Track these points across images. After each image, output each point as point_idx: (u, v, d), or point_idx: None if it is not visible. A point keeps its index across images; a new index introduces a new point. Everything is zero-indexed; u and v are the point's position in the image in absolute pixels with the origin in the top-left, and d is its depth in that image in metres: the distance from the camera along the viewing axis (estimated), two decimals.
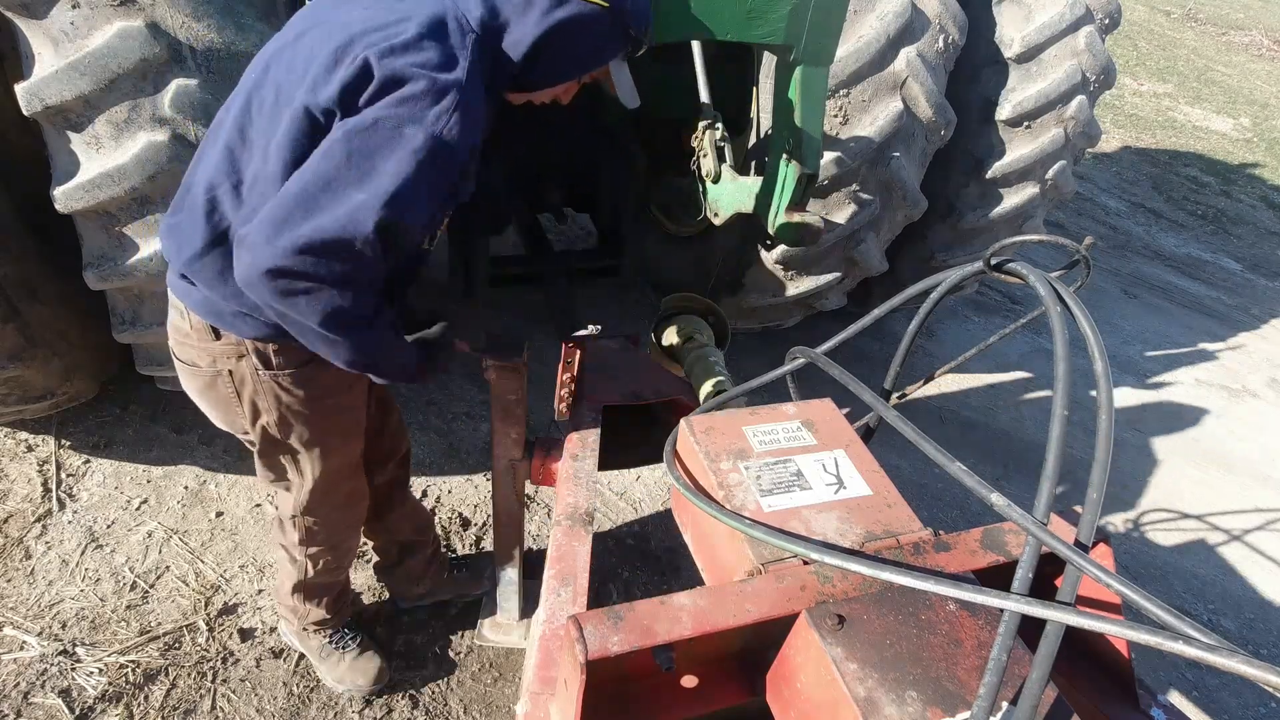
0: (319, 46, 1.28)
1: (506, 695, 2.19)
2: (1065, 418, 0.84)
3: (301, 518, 1.84)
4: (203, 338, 1.50)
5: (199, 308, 1.46)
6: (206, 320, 1.47)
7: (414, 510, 2.23)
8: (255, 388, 1.54)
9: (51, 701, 1.99)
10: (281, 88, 1.30)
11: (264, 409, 1.58)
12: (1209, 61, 11.48)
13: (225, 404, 1.60)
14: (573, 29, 1.38)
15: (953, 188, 3.26)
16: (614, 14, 1.40)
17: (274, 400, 1.56)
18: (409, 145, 1.21)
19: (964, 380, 3.98)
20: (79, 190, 1.91)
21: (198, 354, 1.53)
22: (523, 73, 1.43)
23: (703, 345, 2.04)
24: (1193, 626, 0.69)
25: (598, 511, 2.81)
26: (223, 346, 1.50)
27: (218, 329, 1.47)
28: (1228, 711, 2.60)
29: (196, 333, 1.50)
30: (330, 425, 1.67)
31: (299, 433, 1.63)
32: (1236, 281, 5.81)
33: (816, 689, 0.92)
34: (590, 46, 1.44)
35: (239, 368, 1.52)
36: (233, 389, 1.56)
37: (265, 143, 1.30)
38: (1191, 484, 3.62)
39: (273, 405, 1.57)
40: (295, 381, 1.54)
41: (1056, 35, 2.98)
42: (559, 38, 1.38)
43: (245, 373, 1.52)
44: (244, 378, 1.53)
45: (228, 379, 1.54)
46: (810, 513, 1.12)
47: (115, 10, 1.80)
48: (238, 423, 1.63)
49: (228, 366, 1.52)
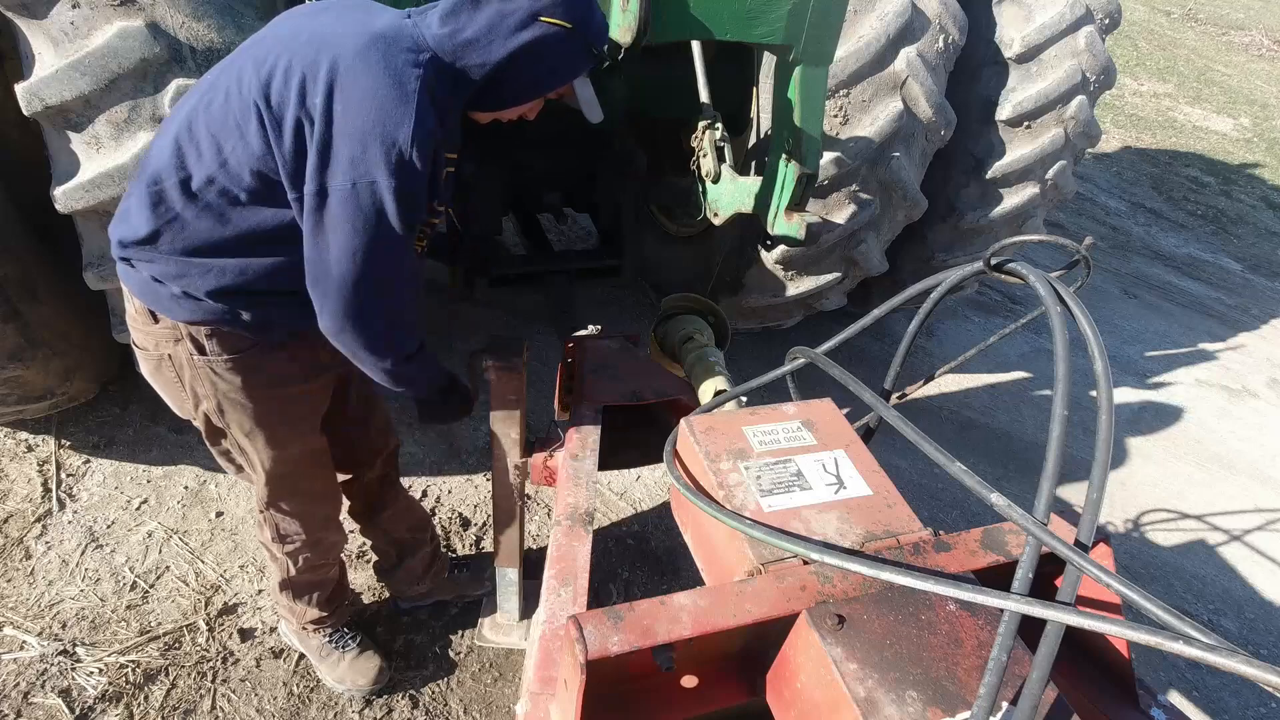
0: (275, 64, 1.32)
1: (506, 695, 2.19)
2: (1065, 418, 0.84)
3: (268, 513, 1.83)
4: (145, 321, 1.51)
5: (138, 290, 1.48)
6: (144, 303, 1.48)
7: (407, 508, 2.23)
8: (193, 373, 1.54)
9: (51, 701, 1.99)
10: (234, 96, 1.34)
11: (203, 395, 1.57)
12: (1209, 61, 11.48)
13: (172, 387, 1.61)
14: (538, 49, 1.40)
15: (953, 188, 3.26)
16: (577, 33, 1.42)
17: (210, 387, 1.55)
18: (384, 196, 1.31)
19: (964, 380, 3.98)
20: (79, 190, 1.91)
21: (143, 337, 1.55)
22: (487, 92, 1.45)
23: (703, 345, 2.04)
24: (1193, 626, 0.69)
25: (598, 511, 2.81)
26: (160, 330, 1.50)
27: (154, 312, 1.49)
28: (1228, 711, 2.60)
29: (140, 315, 1.52)
30: (274, 414, 1.64)
31: (238, 420, 1.61)
32: (1236, 281, 5.80)
33: (816, 689, 0.92)
34: (555, 66, 1.46)
35: (176, 352, 1.52)
36: (175, 374, 1.56)
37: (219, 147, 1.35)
38: (1192, 484, 3.62)
39: (210, 392, 1.56)
40: (232, 368, 1.53)
41: (1056, 35, 2.98)
42: (524, 58, 1.40)
43: (183, 358, 1.52)
44: (182, 363, 1.53)
45: (169, 363, 1.55)
46: (810, 513, 1.12)
47: (115, 10, 1.80)
48: (185, 407, 1.63)
49: (167, 350, 1.53)
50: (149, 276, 1.44)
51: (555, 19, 1.37)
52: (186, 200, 1.37)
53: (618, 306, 3.94)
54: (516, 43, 1.38)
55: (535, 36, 1.38)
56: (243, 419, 1.61)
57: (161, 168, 1.38)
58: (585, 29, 1.43)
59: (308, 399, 1.70)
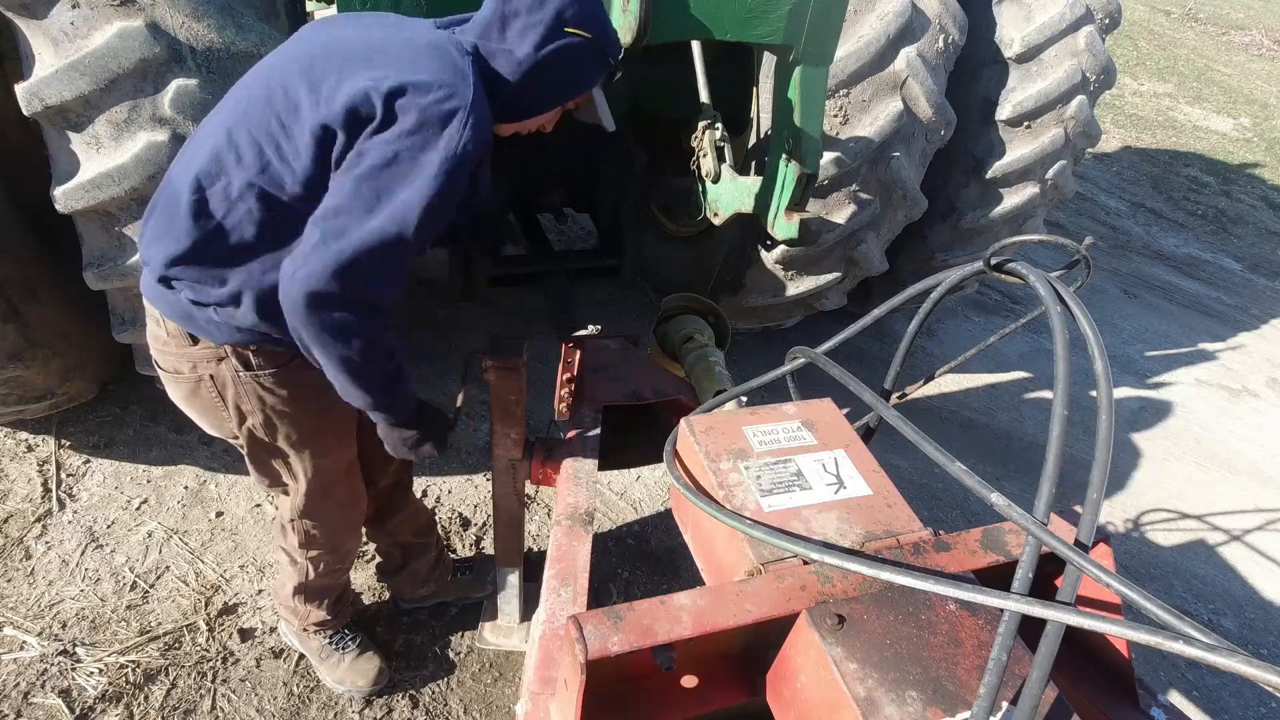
0: (326, 67, 1.33)
1: (506, 695, 2.19)
2: (1065, 418, 0.84)
3: (300, 521, 1.83)
4: (181, 344, 1.50)
5: (174, 313, 1.46)
6: (182, 326, 1.47)
7: (416, 512, 2.23)
8: (238, 390, 1.53)
9: (51, 701, 1.99)
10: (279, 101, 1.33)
11: (249, 411, 1.57)
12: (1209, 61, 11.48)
13: (211, 409, 1.59)
14: (563, 59, 1.45)
15: (953, 188, 3.26)
16: (596, 43, 1.47)
17: (258, 402, 1.55)
18: (428, 172, 1.28)
19: (964, 380, 3.98)
20: (79, 190, 1.91)
21: (178, 360, 1.53)
22: (512, 102, 1.48)
23: (703, 345, 2.04)
24: (1193, 626, 0.69)
25: (598, 511, 2.81)
26: (201, 351, 1.49)
27: (194, 335, 1.48)
28: (1228, 711, 2.60)
29: (174, 339, 1.50)
30: (318, 425, 1.66)
31: (286, 433, 1.62)
32: (1236, 281, 5.80)
33: (816, 689, 0.92)
34: (576, 75, 1.51)
35: (220, 371, 1.51)
36: (216, 393, 1.55)
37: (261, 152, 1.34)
38: (1192, 484, 3.62)
39: (257, 407, 1.56)
40: (278, 381, 1.53)
41: (1056, 35, 2.98)
42: (550, 67, 1.45)
43: (227, 376, 1.51)
44: (226, 381, 1.52)
45: (210, 384, 1.53)
46: (810, 513, 1.12)
47: (115, 10, 1.80)
48: (226, 427, 1.62)
49: (209, 371, 1.52)
50: (187, 299, 1.43)
51: (578, 29, 1.43)
52: (227, 208, 1.36)
53: (618, 306, 3.94)
54: (544, 51, 1.42)
55: (561, 45, 1.43)
56: (290, 430, 1.62)
57: (201, 175, 1.37)
58: (603, 39, 1.49)
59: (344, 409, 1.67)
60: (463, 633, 2.33)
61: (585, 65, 1.50)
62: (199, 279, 1.41)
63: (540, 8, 1.41)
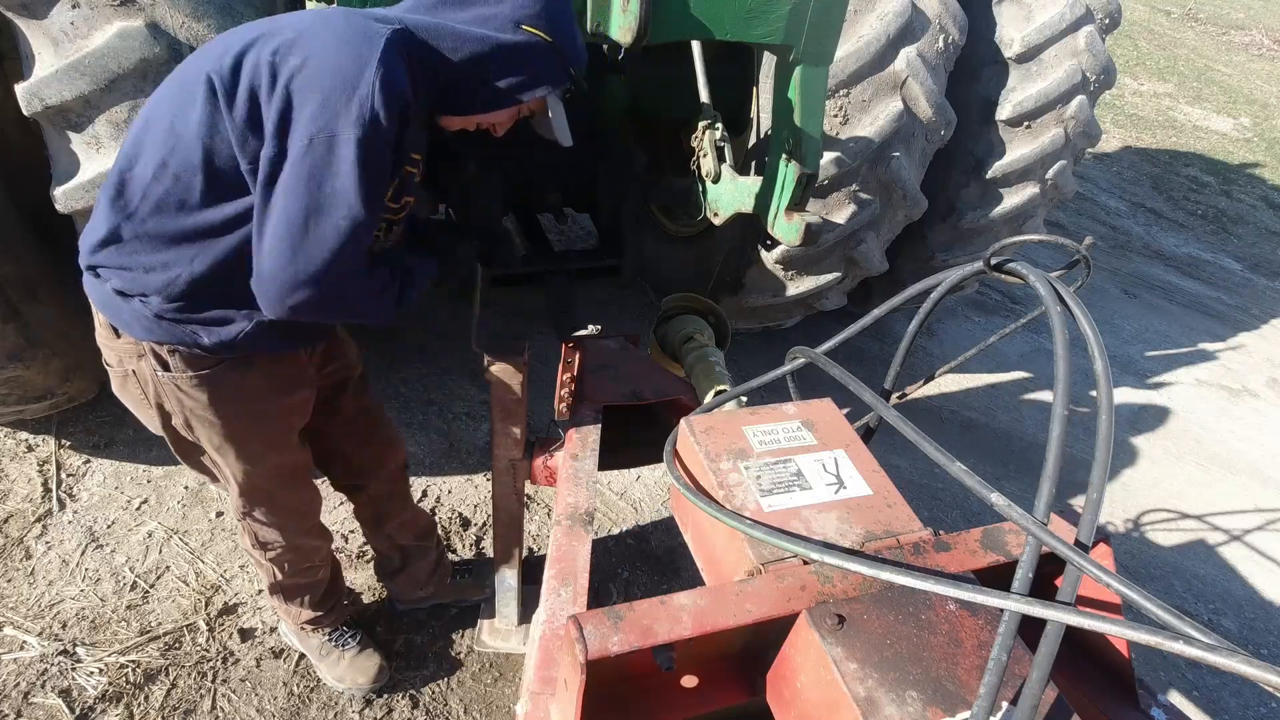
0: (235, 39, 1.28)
1: (506, 695, 2.19)
2: (1065, 418, 0.84)
3: (245, 521, 1.80)
4: (108, 336, 1.48)
5: (101, 304, 1.45)
6: (107, 318, 1.46)
7: (414, 517, 2.22)
8: (158, 389, 1.50)
9: (51, 701, 1.99)
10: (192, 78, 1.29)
11: (171, 410, 1.53)
12: (1209, 61, 11.48)
13: (139, 404, 1.56)
14: (516, 55, 1.39)
15: (953, 188, 3.26)
16: (555, 48, 1.42)
17: (177, 403, 1.51)
18: (346, 152, 1.22)
19: (964, 380, 3.98)
20: (79, 190, 1.91)
21: (108, 353, 1.51)
22: (458, 92, 1.43)
23: (703, 345, 2.04)
24: (1193, 626, 0.69)
25: (598, 511, 2.81)
26: (124, 345, 1.47)
27: (116, 328, 1.45)
28: (1228, 711, 2.60)
29: (104, 330, 1.49)
30: (244, 430, 1.59)
31: (207, 436, 1.57)
32: (1236, 281, 5.80)
33: (816, 689, 0.92)
34: (529, 75, 1.43)
35: (140, 368, 1.48)
36: (140, 390, 1.52)
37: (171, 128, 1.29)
38: (1192, 484, 3.62)
39: (177, 408, 1.52)
40: (197, 385, 1.48)
41: (1056, 35, 2.98)
42: (500, 60, 1.39)
43: (147, 373, 1.48)
44: (146, 378, 1.49)
45: (134, 379, 1.51)
46: (810, 513, 1.12)
47: (115, 10, 1.80)
48: (154, 423, 1.59)
49: (131, 366, 1.49)
50: (111, 289, 1.40)
51: (537, 30, 1.38)
52: (142, 191, 1.32)
53: (618, 306, 3.94)
54: (495, 40, 1.37)
55: (515, 41, 1.38)
56: (211, 434, 1.57)
57: (121, 162, 1.34)
58: (564, 46, 1.43)
59: (281, 415, 1.65)
60: (462, 632, 2.33)
61: (538, 68, 1.42)
62: (124, 265, 1.37)
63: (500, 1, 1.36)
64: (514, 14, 1.37)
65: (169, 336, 1.41)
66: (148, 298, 1.38)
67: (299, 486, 1.83)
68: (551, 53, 1.42)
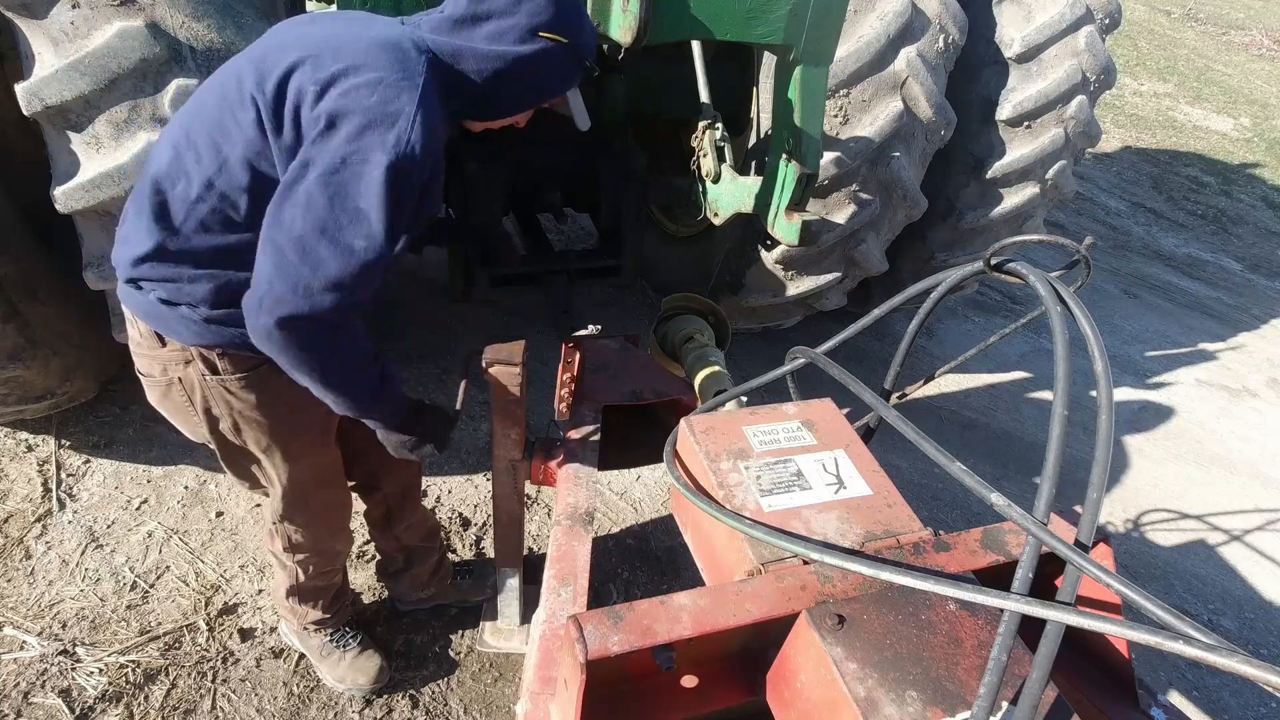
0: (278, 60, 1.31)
1: (506, 695, 2.19)
2: (1065, 418, 0.84)
3: (281, 525, 1.82)
4: (151, 345, 1.49)
5: (144, 314, 1.45)
6: (151, 326, 1.46)
7: (423, 519, 2.23)
8: (206, 394, 1.52)
9: (51, 701, 1.99)
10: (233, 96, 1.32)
11: (218, 415, 1.55)
12: (1209, 61, 11.48)
13: (182, 412, 1.58)
14: (535, 63, 1.42)
15: (953, 188, 3.26)
16: (571, 47, 1.44)
17: (225, 406, 1.53)
18: (376, 175, 1.24)
19: (964, 380, 3.98)
20: (79, 190, 1.91)
21: (150, 363, 1.52)
22: (482, 102, 1.46)
23: (703, 345, 2.04)
24: (1193, 626, 0.69)
25: (598, 511, 2.81)
26: (169, 353, 1.48)
27: (162, 336, 1.46)
28: (1228, 711, 2.60)
29: (146, 340, 1.49)
30: (289, 430, 1.62)
31: (255, 438, 1.60)
32: (1236, 281, 5.80)
33: (816, 689, 0.92)
34: (550, 78, 1.48)
35: (188, 374, 1.49)
36: (185, 397, 1.53)
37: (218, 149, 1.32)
38: (1192, 484, 3.62)
39: (225, 411, 1.54)
40: (245, 386, 1.51)
41: (1057, 35, 2.98)
42: (522, 71, 1.42)
43: (194, 379, 1.50)
44: (194, 384, 1.51)
45: (179, 387, 1.52)
46: (810, 513, 1.12)
47: (115, 10, 1.80)
48: (199, 430, 1.61)
49: (177, 374, 1.50)
50: (156, 299, 1.41)
51: (552, 34, 1.40)
52: (188, 208, 1.35)
53: (618, 306, 3.94)
54: (514, 54, 1.40)
55: (533, 50, 1.40)
56: (259, 435, 1.60)
57: (161, 176, 1.36)
58: (578, 43, 1.46)
59: (325, 415, 1.65)
60: (463, 632, 2.33)
61: (558, 69, 1.46)
62: (168, 277, 1.39)
63: (513, 11, 1.37)
64: (529, 23, 1.38)
65: (218, 339, 1.43)
66: (195, 305, 1.40)
67: (336, 486, 1.87)
68: (568, 53, 1.44)
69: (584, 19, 1.48)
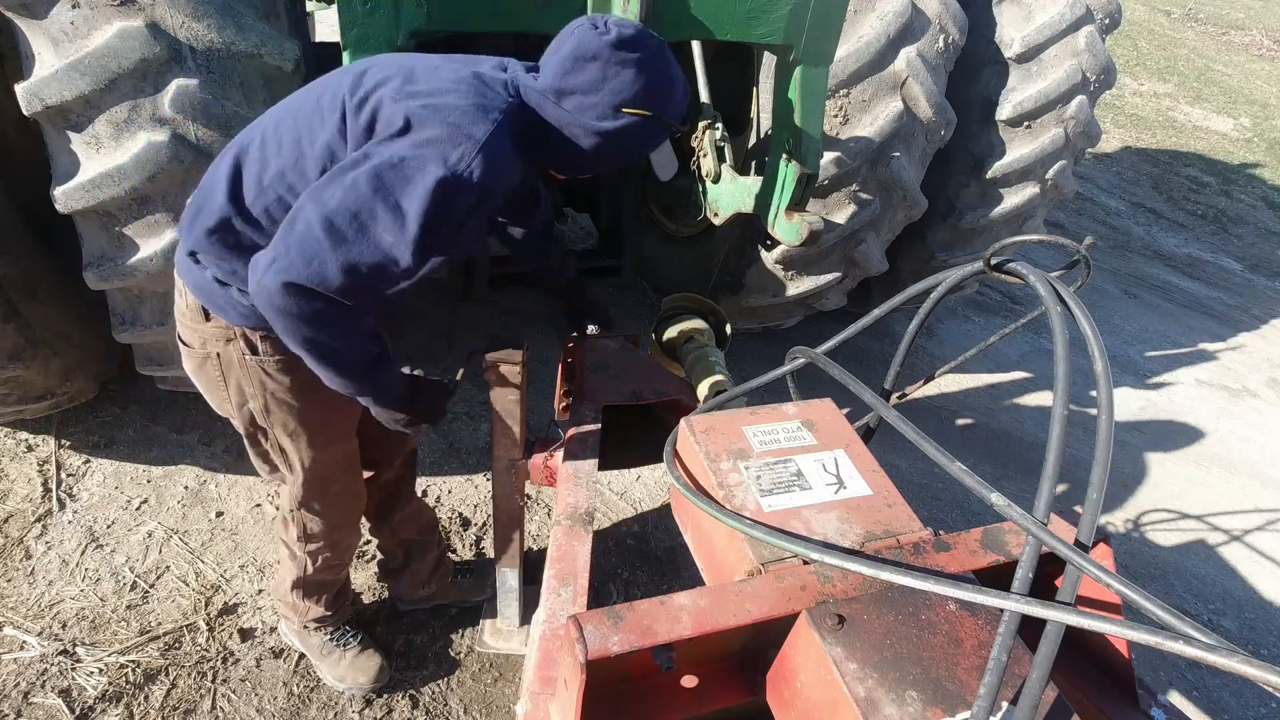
0: (375, 76, 1.37)
1: (506, 695, 2.19)
2: (1065, 418, 0.84)
3: (298, 512, 1.85)
4: (195, 319, 1.54)
5: (195, 288, 1.50)
6: (199, 301, 1.51)
7: (419, 510, 2.23)
8: (242, 372, 1.57)
9: (51, 701, 1.99)
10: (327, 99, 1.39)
11: (250, 394, 1.60)
12: (1209, 61, 11.48)
13: (214, 386, 1.63)
14: (619, 138, 1.43)
15: (953, 188, 3.26)
16: (655, 119, 1.43)
17: (259, 386, 1.58)
18: (426, 183, 1.26)
19: (964, 380, 3.98)
20: (79, 190, 1.91)
21: (191, 334, 1.57)
22: (567, 160, 1.49)
23: (703, 345, 2.04)
24: (1193, 626, 0.69)
25: (598, 511, 2.81)
26: (212, 329, 1.53)
27: (208, 311, 1.51)
28: (1228, 711, 2.60)
29: (191, 312, 1.54)
30: (317, 417, 1.67)
31: (283, 421, 1.64)
32: (1236, 281, 5.80)
33: (816, 689, 0.92)
34: (634, 147, 1.49)
35: (227, 351, 1.55)
36: (220, 373, 1.59)
37: (298, 144, 1.38)
38: (1192, 484, 3.62)
39: (259, 391, 1.59)
40: (281, 368, 1.56)
41: (1057, 35, 2.98)
42: (605, 141, 1.43)
43: (233, 357, 1.55)
44: (231, 362, 1.56)
45: (215, 362, 1.57)
46: (810, 513, 1.12)
47: (115, 10, 1.80)
48: (225, 406, 1.66)
49: (216, 349, 1.55)
50: (211, 276, 1.46)
51: (637, 110, 1.39)
52: (258, 193, 1.40)
53: (618, 306, 3.94)
54: (597, 129, 1.40)
55: (617, 127, 1.40)
56: (288, 419, 1.64)
57: (243, 159, 1.41)
58: (664, 112, 1.44)
59: (344, 407, 1.69)
60: (463, 632, 2.33)
61: (643, 139, 1.47)
62: (224, 257, 1.44)
63: (598, 89, 1.37)
64: (614, 100, 1.38)
65: (263, 323, 1.45)
66: (246, 290, 1.42)
67: (354, 474, 1.89)
68: (653, 124, 1.44)
69: (673, 87, 1.45)
